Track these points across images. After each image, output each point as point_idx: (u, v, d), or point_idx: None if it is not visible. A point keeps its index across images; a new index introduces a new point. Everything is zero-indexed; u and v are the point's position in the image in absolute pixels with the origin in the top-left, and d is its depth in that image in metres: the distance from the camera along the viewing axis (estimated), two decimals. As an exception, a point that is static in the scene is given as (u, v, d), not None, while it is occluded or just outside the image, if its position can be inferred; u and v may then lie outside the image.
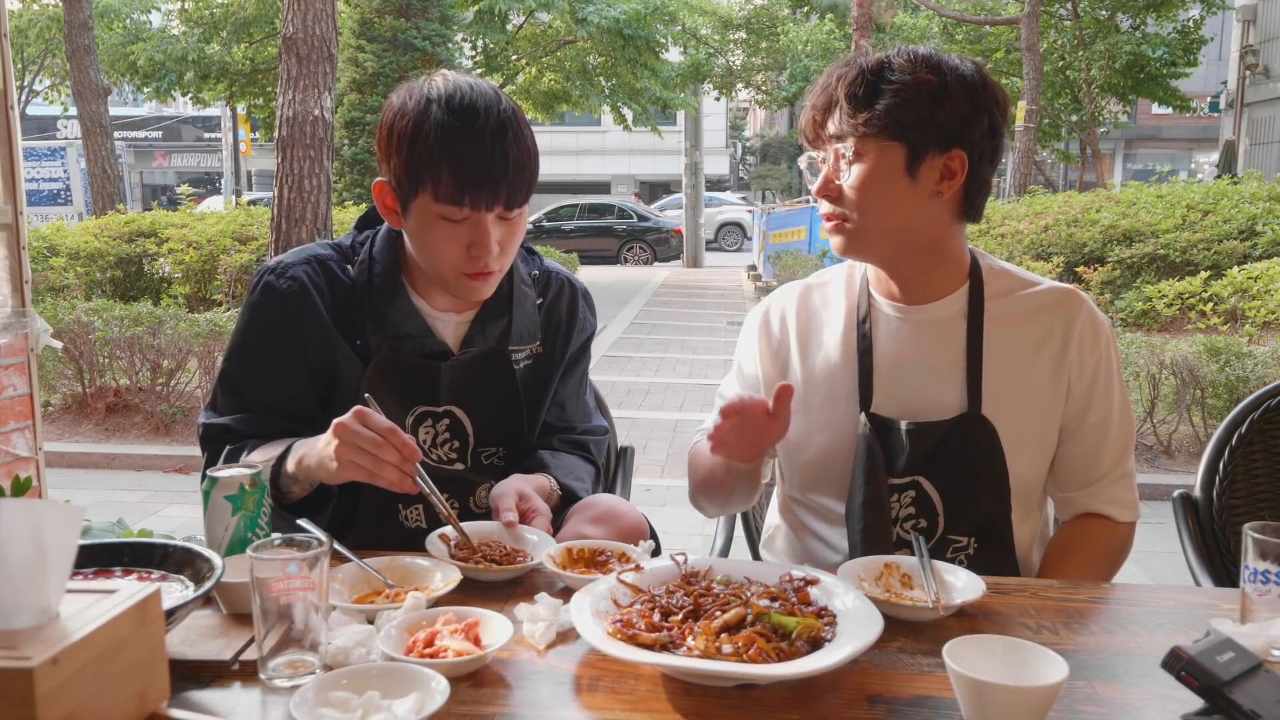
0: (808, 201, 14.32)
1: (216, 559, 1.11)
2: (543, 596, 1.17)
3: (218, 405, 1.56)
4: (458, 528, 1.37)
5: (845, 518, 1.51)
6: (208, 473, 1.27)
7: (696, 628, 1.06)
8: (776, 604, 1.10)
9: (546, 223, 20.47)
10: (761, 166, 35.71)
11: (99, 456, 5.58)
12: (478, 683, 1.04)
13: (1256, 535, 1.12)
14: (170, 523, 4.47)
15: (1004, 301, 1.51)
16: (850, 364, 1.53)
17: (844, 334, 1.56)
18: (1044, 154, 22.13)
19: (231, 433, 1.52)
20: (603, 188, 30.94)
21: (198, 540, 1.23)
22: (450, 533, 1.37)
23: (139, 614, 0.92)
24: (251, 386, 1.54)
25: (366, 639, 1.06)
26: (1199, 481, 1.78)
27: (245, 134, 24.28)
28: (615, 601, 1.15)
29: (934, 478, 1.48)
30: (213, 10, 16.25)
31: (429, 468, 1.56)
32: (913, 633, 1.16)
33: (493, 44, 16.89)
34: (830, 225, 1.49)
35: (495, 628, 1.09)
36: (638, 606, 1.12)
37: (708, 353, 9.11)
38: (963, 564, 1.46)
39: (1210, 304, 7.65)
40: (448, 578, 1.24)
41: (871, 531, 1.47)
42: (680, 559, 1.24)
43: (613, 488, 1.96)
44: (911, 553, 1.31)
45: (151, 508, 4.78)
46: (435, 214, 1.41)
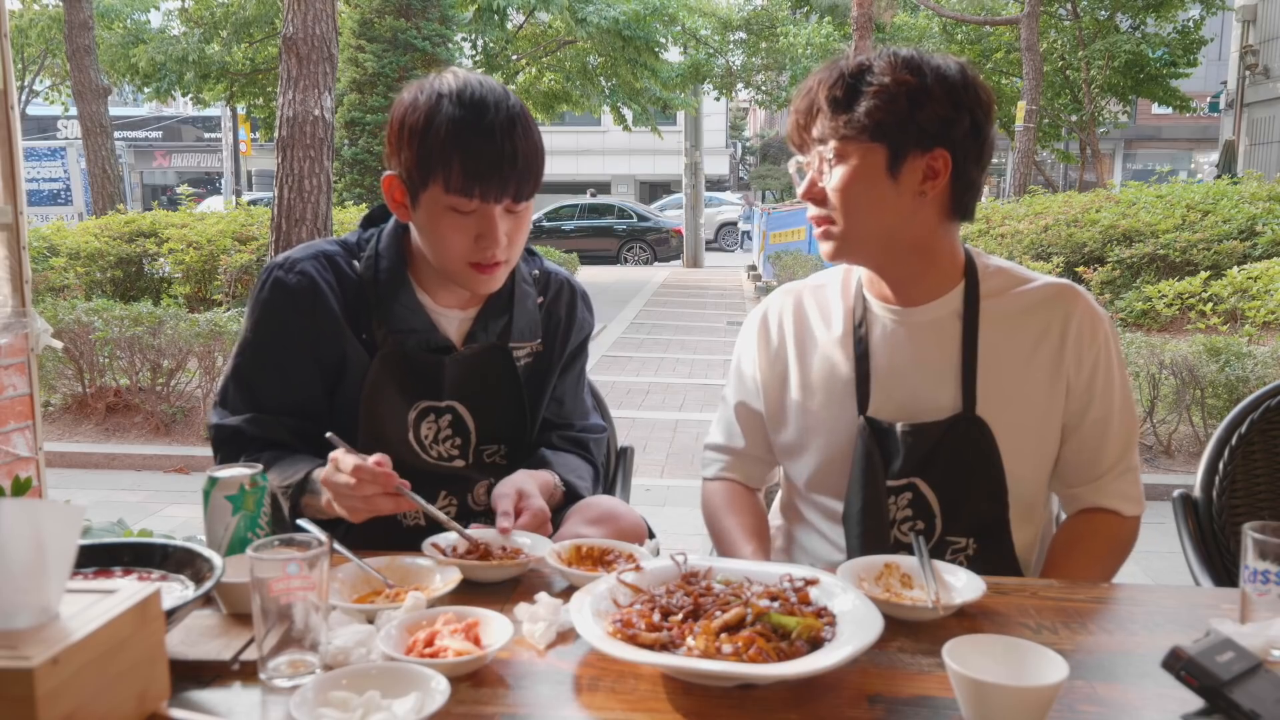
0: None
1: (216, 559, 1.11)
2: (543, 596, 1.17)
3: (228, 403, 1.56)
4: (460, 531, 1.37)
5: (843, 521, 1.51)
6: (208, 473, 1.28)
7: (696, 628, 1.06)
8: (776, 604, 1.10)
9: (546, 223, 20.44)
10: (761, 166, 35.71)
11: (99, 456, 5.58)
12: (478, 683, 1.04)
13: (1256, 535, 1.12)
14: (170, 523, 4.47)
15: (1000, 299, 1.50)
16: (847, 368, 1.53)
17: (841, 338, 1.56)
18: (1044, 154, 22.14)
19: (243, 435, 1.53)
20: (603, 188, 30.93)
21: (198, 540, 1.23)
22: (442, 541, 1.36)
23: (139, 614, 0.92)
24: (263, 383, 1.55)
25: (366, 639, 1.06)
26: (1199, 481, 1.78)
27: (245, 134, 24.30)
28: (615, 601, 1.15)
29: (930, 479, 1.48)
30: (213, 10, 16.25)
31: (429, 465, 1.57)
32: (913, 633, 1.16)
33: (493, 43, 16.90)
34: (819, 230, 1.49)
35: (495, 628, 1.09)
36: (638, 606, 1.12)
37: (708, 353, 9.11)
38: (963, 565, 1.46)
39: (1210, 304, 7.64)
40: (447, 578, 1.24)
41: (869, 535, 1.48)
42: (680, 559, 1.24)
43: (612, 488, 1.96)
44: (911, 554, 1.31)
45: (151, 508, 4.78)
46: (445, 205, 1.43)
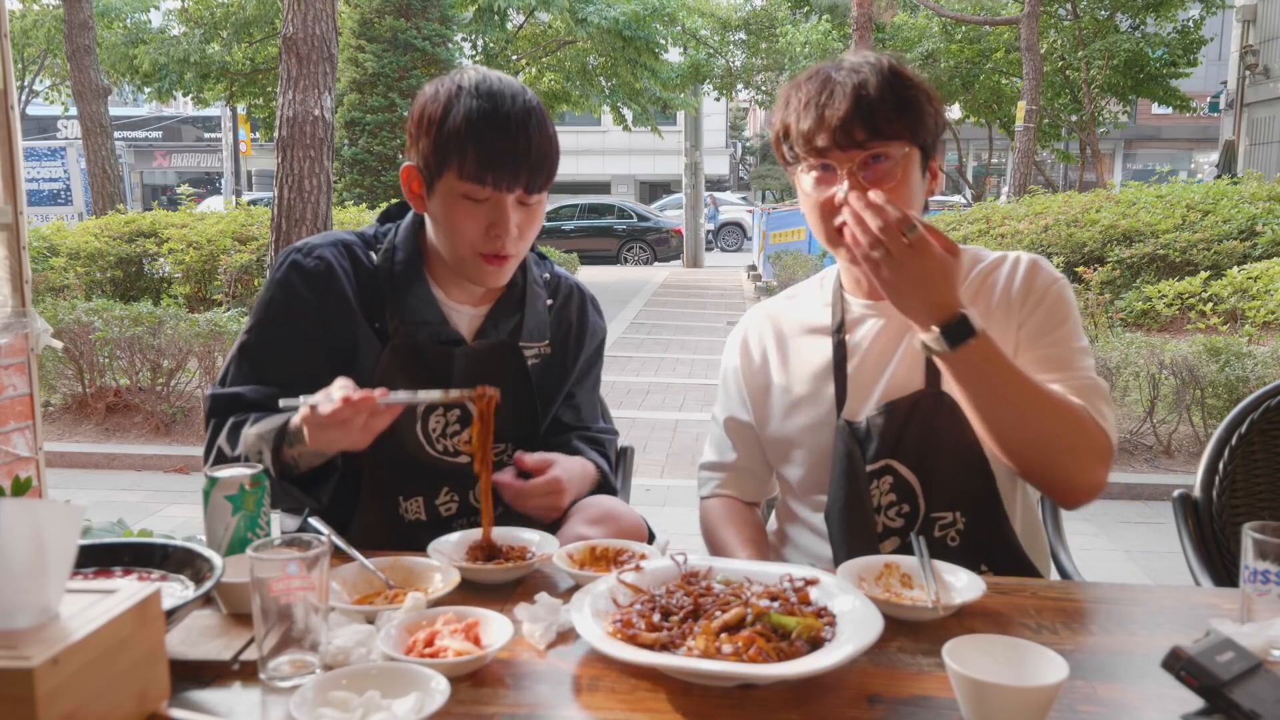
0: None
1: (216, 559, 1.11)
2: (543, 596, 1.17)
3: (230, 376, 1.57)
4: (437, 400, 1.39)
5: (825, 521, 1.51)
6: (207, 473, 1.27)
7: (696, 628, 1.06)
8: (776, 604, 1.10)
9: (546, 222, 20.26)
10: (761, 166, 35.74)
11: (99, 456, 5.58)
12: (478, 683, 1.04)
13: (1256, 535, 1.12)
14: (170, 523, 4.47)
15: (965, 281, 1.52)
16: (826, 374, 1.55)
17: (820, 343, 1.58)
18: (1044, 154, 22.13)
19: (241, 401, 1.53)
20: (603, 188, 30.95)
21: (198, 540, 1.23)
22: (445, 546, 1.35)
23: (139, 614, 0.92)
24: (270, 359, 1.55)
25: (366, 639, 1.06)
26: (1199, 481, 1.77)
27: (245, 134, 24.29)
28: (615, 601, 1.15)
29: (904, 459, 1.48)
30: (213, 10, 16.26)
31: (432, 459, 1.58)
32: (913, 633, 1.16)
33: (493, 43, 16.91)
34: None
35: (495, 628, 1.09)
36: (638, 606, 1.12)
37: (708, 353, 9.11)
38: (954, 540, 1.47)
39: (1210, 304, 7.63)
40: (448, 578, 1.24)
41: (854, 532, 1.48)
42: (680, 559, 1.24)
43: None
44: (904, 546, 1.31)
45: (151, 508, 4.78)
46: (459, 193, 1.47)
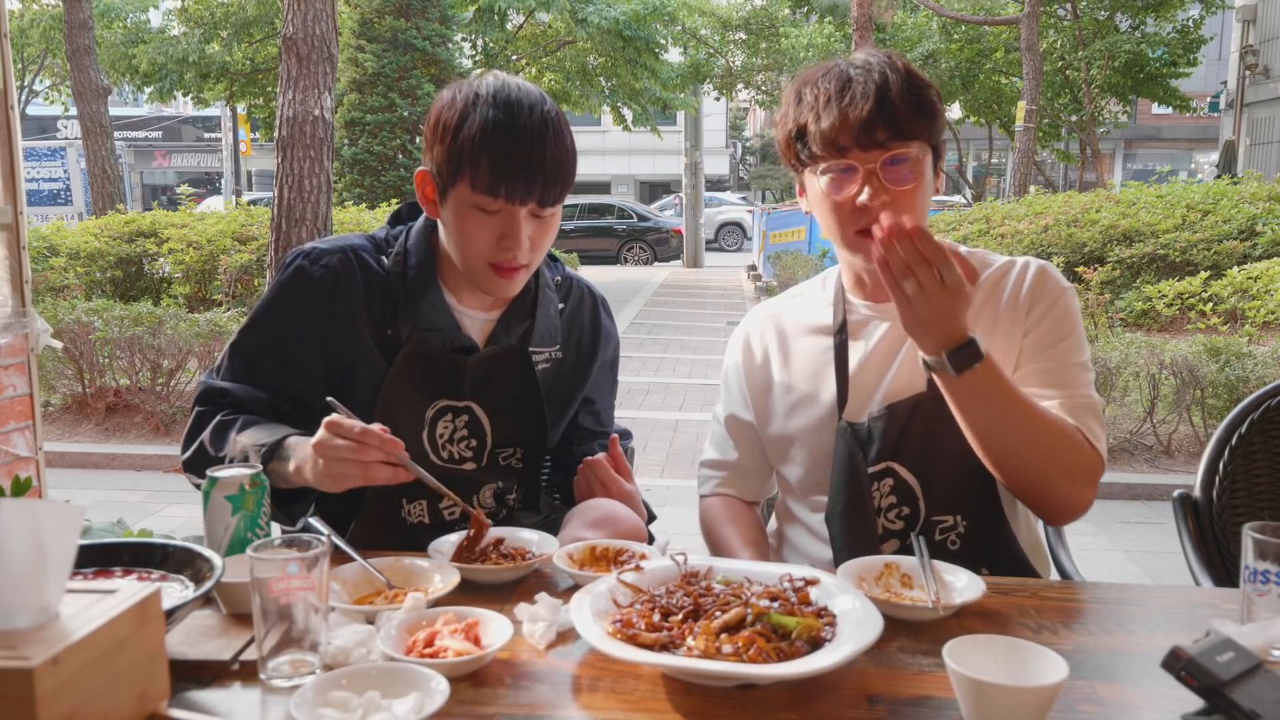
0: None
1: (216, 559, 1.11)
2: (543, 596, 1.17)
3: (222, 371, 1.56)
4: (451, 496, 1.40)
5: (826, 523, 1.51)
6: (208, 472, 1.27)
7: (696, 628, 1.06)
8: (776, 604, 1.10)
9: (546, 223, 20.41)
10: (761, 166, 35.75)
11: (99, 456, 5.58)
12: (478, 683, 1.04)
13: (1256, 535, 1.12)
14: (170, 523, 4.47)
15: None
16: (827, 374, 1.55)
17: (822, 343, 1.58)
18: (1044, 154, 22.13)
19: (229, 397, 1.52)
20: (603, 188, 30.91)
21: (198, 540, 1.23)
22: (445, 545, 1.36)
23: (139, 614, 0.92)
24: (263, 360, 1.54)
25: (366, 639, 1.06)
26: (1199, 481, 1.77)
27: (245, 134, 24.27)
28: (615, 601, 1.15)
29: (905, 461, 1.49)
30: (213, 10, 16.25)
31: (438, 467, 1.57)
32: (913, 633, 1.16)
33: (492, 44, 16.91)
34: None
35: (495, 628, 1.09)
36: (638, 606, 1.12)
37: (708, 353, 9.11)
38: (955, 544, 1.47)
39: (1210, 304, 7.64)
40: (447, 578, 1.24)
41: (854, 533, 1.48)
42: (680, 559, 1.24)
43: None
44: (905, 549, 1.31)
45: (151, 508, 4.78)
46: (471, 203, 1.44)
